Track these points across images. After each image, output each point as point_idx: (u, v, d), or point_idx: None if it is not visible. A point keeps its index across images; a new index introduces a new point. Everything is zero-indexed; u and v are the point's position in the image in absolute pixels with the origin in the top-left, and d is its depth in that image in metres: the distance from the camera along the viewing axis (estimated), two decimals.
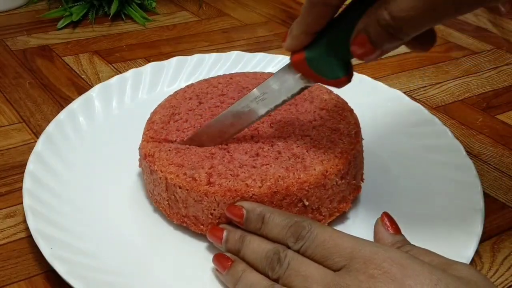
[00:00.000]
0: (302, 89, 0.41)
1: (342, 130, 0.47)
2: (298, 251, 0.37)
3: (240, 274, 0.38)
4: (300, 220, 0.38)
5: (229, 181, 0.41)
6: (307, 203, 0.42)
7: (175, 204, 0.43)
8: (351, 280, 0.33)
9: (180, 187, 0.42)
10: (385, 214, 0.41)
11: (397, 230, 0.40)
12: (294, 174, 0.42)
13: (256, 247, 0.39)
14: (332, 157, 0.44)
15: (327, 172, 0.43)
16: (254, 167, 0.43)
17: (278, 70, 0.42)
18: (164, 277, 0.41)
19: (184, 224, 0.44)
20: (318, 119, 0.48)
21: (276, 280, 0.36)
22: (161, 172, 0.43)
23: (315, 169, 0.43)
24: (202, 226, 0.43)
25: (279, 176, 0.42)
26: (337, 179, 0.43)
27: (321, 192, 0.43)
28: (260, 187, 0.41)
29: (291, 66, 0.40)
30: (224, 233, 0.41)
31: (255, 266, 0.38)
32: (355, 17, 0.35)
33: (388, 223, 0.40)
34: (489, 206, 0.49)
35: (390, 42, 0.34)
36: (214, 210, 0.42)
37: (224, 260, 0.39)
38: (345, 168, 0.44)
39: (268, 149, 0.44)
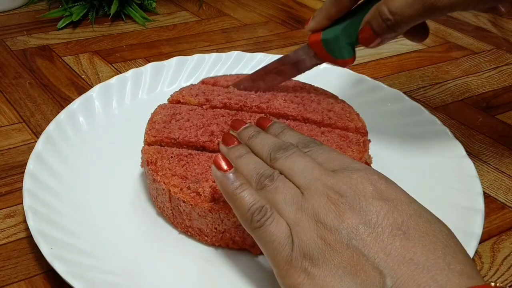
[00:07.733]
0: (313, 66, 0.51)
1: (350, 137, 0.47)
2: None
3: (244, 153, 0.39)
4: (310, 138, 0.40)
5: None
6: None
7: (179, 215, 0.43)
8: (343, 178, 0.34)
9: (184, 201, 0.42)
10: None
11: None
12: None
13: (265, 138, 0.41)
14: None
15: None
16: None
17: (296, 49, 0.51)
18: (165, 278, 0.40)
19: (189, 233, 0.44)
20: (327, 119, 0.48)
21: (275, 165, 0.38)
22: (164, 184, 0.43)
23: None
24: (206, 238, 0.43)
25: None
26: None
27: None
28: None
29: (308, 45, 0.49)
30: (242, 128, 0.43)
31: (260, 154, 0.39)
32: (366, 11, 0.45)
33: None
34: (489, 206, 0.49)
35: (389, 33, 0.44)
36: (218, 225, 0.41)
37: (229, 138, 0.41)
38: None
39: None
